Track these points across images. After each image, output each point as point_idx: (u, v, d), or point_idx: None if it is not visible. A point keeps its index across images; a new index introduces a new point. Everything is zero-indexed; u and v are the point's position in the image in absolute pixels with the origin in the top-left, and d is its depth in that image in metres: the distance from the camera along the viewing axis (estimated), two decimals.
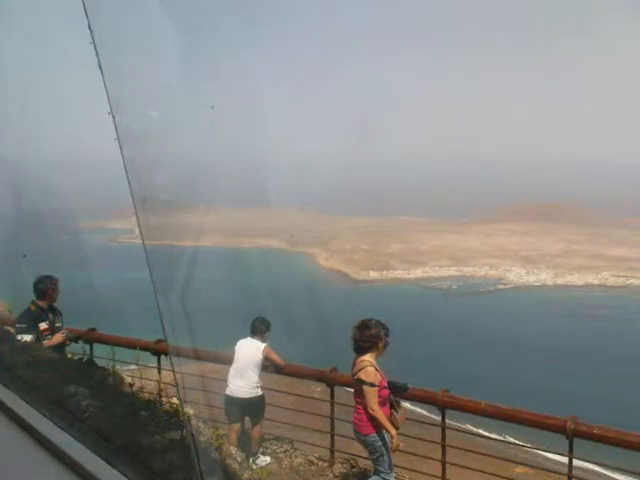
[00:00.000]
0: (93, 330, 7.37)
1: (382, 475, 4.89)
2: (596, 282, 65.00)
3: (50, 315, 6.08)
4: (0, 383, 2.71)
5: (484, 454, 6.52)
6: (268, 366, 6.30)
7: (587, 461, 7.22)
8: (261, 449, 6.30)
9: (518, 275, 67.48)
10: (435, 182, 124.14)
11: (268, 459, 6.21)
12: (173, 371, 2.33)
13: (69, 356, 5.97)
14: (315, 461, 6.16)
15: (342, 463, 6.08)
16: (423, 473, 5.94)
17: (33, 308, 6.03)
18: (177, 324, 1.95)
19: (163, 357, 6.73)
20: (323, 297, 49.74)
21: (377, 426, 4.82)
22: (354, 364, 4.99)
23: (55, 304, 6.21)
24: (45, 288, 6.06)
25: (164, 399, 4.46)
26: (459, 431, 8.23)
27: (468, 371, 37.24)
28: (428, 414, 10.05)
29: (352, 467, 5.98)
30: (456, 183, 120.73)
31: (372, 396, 4.76)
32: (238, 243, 70.50)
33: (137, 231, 1.78)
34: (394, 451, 4.89)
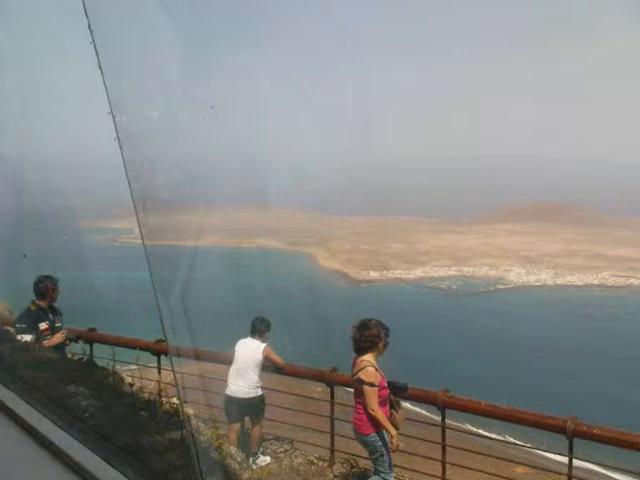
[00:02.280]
0: (93, 330, 7.37)
1: (382, 475, 4.88)
2: (596, 282, 64.98)
3: (50, 315, 6.08)
4: (0, 383, 2.71)
5: (484, 454, 6.52)
6: (268, 366, 6.30)
7: (587, 461, 7.23)
8: (261, 449, 6.30)
9: (518, 275, 67.47)
10: (435, 182, 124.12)
11: (268, 459, 6.21)
12: (173, 371, 2.33)
13: (69, 356, 5.97)
14: (315, 461, 6.16)
15: (342, 463, 6.07)
16: (423, 473, 5.93)
17: (33, 308, 6.03)
18: (177, 324, 1.95)
19: (163, 357, 6.73)
20: (323, 297, 49.77)
21: (377, 426, 4.82)
22: (354, 364, 4.99)
23: (55, 304, 6.21)
24: (45, 288, 6.06)
25: (164, 399, 4.46)
26: (459, 431, 8.24)
27: (468, 371, 37.24)
28: (428, 414, 10.06)
29: (352, 467, 5.97)
30: (456, 183, 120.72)
31: (372, 396, 4.76)
32: (238, 243, 70.46)
33: (137, 231, 1.78)
34: (394, 451, 4.89)
